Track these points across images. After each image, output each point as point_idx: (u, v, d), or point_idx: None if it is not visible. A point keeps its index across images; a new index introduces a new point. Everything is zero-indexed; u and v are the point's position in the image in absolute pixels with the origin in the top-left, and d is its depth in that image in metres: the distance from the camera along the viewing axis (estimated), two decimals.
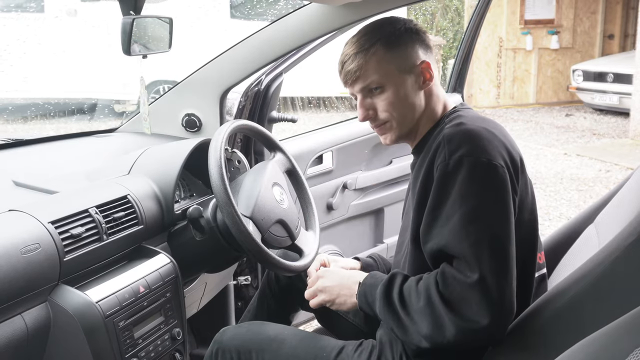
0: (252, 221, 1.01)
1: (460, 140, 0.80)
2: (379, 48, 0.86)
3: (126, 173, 1.08)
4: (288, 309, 1.17)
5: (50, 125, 4.87)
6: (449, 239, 0.77)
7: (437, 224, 0.79)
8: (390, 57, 0.86)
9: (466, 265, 0.75)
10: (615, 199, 0.99)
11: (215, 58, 1.31)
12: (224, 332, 0.98)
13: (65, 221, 0.87)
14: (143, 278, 0.93)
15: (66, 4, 4.75)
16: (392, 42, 0.86)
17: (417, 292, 0.79)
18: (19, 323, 0.79)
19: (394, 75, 0.86)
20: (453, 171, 0.78)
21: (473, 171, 0.77)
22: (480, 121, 0.85)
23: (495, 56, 6.61)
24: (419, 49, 0.88)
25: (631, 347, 0.46)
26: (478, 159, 0.78)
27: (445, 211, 0.78)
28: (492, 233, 0.77)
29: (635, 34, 5.25)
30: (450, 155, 0.79)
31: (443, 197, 0.79)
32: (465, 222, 0.76)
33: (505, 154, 0.81)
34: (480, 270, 0.74)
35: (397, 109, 0.87)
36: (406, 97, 0.87)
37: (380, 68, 0.86)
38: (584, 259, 0.85)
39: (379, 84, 0.86)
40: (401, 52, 0.87)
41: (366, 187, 1.67)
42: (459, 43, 1.84)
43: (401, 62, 0.87)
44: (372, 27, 0.89)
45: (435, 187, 0.80)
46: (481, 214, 0.77)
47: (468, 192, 0.77)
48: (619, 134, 5.15)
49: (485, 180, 0.78)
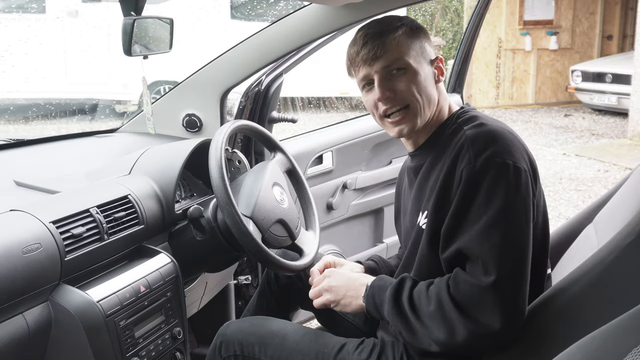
0: (252, 221, 1.01)
1: (485, 141, 0.79)
2: (406, 31, 0.86)
3: (127, 173, 1.08)
4: (287, 308, 1.17)
5: (52, 126, 4.88)
6: (470, 241, 0.76)
7: (462, 228, 0.78)
8: (415, 42, 0.87)
9: (482, 268, 0.74)
10: (614, 199, 1.00)
11: (216, 59, 1.31)
12: (228, 326, 0.99)
13: (66, 221, 0.88)
14: (144, 277, 0.93)
15: (67, 4, 4.76)
16: (415, 29, 0.87)
17: (427, 297, 0.79)
18: (20, 322, 0.80)
19: (415, 59, 0.86)
20: (480, 173, 0.77)
21: (500, 173, 0.76)
22: (499, 122, 0.85)
23: (494, 57, 6.62)
24: (429, 46, 0.90)
25: (630, 346, 0.46)
26: (504, 161, 0.77)
27: (471, 215, 0.77)
28: (514, 237, 0.76)
29: (634, 35, 5.26)
30: (476, 156, 0.78)
31: (469, 200, 0.77)
32: (489, 225, 0.75)
33: (527, 157, 0.80)
34: (497, 273, 0.73)
35: (419, 91, 0.85)
36: (425, 83, 0.86)
37: (407, 49, 0.85)
38: (582, 258, 0.86)
39: (403, 65, 0.85)
40: (422, 42, 0.88)
41: (366, 187, 1.68)
42: (459, 44, 1.85)
43: (422, 51, 0.87)
44: (390, 15, 0.90)
45: (462, 190, 0.78)
46: (505, 217, 0.76)
47: (494, 194, 0.76)
48: (617, 134, 5.17)
49: (511, 184, 0.77)
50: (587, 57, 6.69)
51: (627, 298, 0.77)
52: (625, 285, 0.79)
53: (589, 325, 0.68)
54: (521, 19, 6.53)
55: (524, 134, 5.29)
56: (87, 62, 4.75)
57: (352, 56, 0.87)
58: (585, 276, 0.80)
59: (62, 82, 4.76)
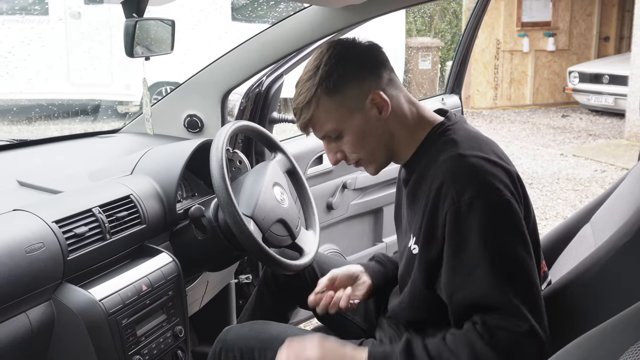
0: (253, 220, 1.01)
1: (464, 179, 0.75)
2: (321, 96, 0.80)
3: (129, 173, 1.09)
4: (286, 307, 1.18)
5: (54, 126, 4.89)
6: (486, 290, 0.73)
7: (461, 273, 0.75)
8: (336, 101, 0.81)
9: (511, 313, 0.72)
10: (611, 199, 1.00)
11: (217, 60, 1.32)
12: (228, 332, 0.99)
13: (69, 220, 0.88)
14: (146, 277, 0.94)
15: (70, 6, 4.77)
16: (332, 84, 0.80)
17: (450, 351, 0.74)
18: (23, 321, 0.80)
19: (346, 118, 0.81)
20: (466, 216, 0.74)
21: (488, 213, 0.73)
22: (475, 146, 0.80)
23: (492, 58, 6.64)
24: (366, 78, 0.81)
25: (627, 345, 0.46)
26: (489, 198, 0.74)
27: (468, 259, 0.74)
28: (524, 271, 0.74)
29: (631, 36, 5.29)
30: (459, 198, 0.74)
31: (461, 244, 0.74)
32: (497, 269, 0.73)
33: (508, 180, 0.77)
34: (531, 318, 0.71)
35: (364, 148, 0.83)
36: (370, 133, 0.82)
37: (330, 117, 0.81)
38: (580, 257, 0.87)
39: (337, 133, 0.83)
40: (345, 94, 0.81)
41: (365, 187, 1.69)
42: (457, 45, 1.86)
43: (349, 102, 0.81)
44: (310, 70, 0.82)
45: (450, 233, 0.75)
46: (509, 255, 0.73)
47: (488, 235, 0.73)
48: (614, 135, 5.19)
49: (501, 219, 0.74)
50: (585, 59, 6.72)
51: (624, 296, 0.78)
52: (623, 284, 0.80)
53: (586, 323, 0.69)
54: (519, 21, 6.55)
55: (522, 135, 5.31)
56: (90, 63, 4.78)
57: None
58: (582, 275, 0.81)
59: (64, 83, 4.77)
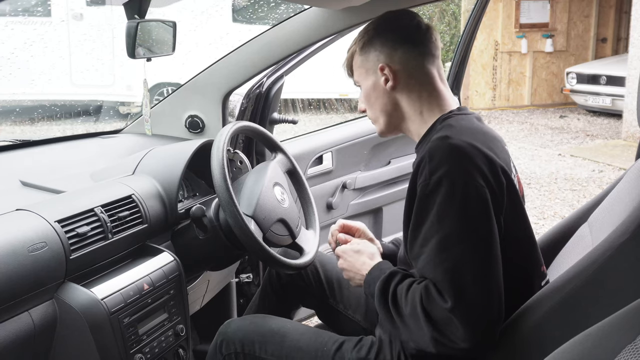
0: (253, 220, 1.02)
1: (440, 158, 0.77)
2: (355, 50, 0.94)
3: (131, 173, 1.09)
4: (289, 306, 1.18)
5: (57, 127, 4.89)
6: (425, 264, 0.77)
7: (417, 244, 0.79)
8: (361, 60, 0.93)
9: (443, 290, 0.75)
10: (608, 199, 1.01)
11: (218, 61, 1.33)
12: (229, 324, 1.00)
13: (71, 220, 0.89)
14: (147, 276, 0.94)
15: (72, 8, 4.78)
16: (362, 45, 0.92)
17: (405, 299, 0.80)
18: (26, 320, 0.81)
19: (363, 77, 0.93)
20: (432, 192, 0.76)
21: (451, 192, 0.75)
22: (467, 133, 0.82)
23: (491, 59, 6.66)
24: (384, 52, 0.90)
25: (623, 344, 0.46)
26: (457, 179, 0.76)
27: (424, 232, 0.77)
28: (469, 258, 0.75)
29: (628, 38, 5.31)
30: (431, 174, 0.77)
31: (423, 217, 0.78)
32: (440, 249, 0.75)
33: (488, 172, 0.78)
34: (454, 298, 0.73)
35: (371, 109, 0.94)
36: (376, 100, 0.92)
37: (355, 69, 0.94)
38: (577, 257, 0.87)
39: (357, 83, 0.95)
40: (369, 56, 0.92)
41: (365, 187, 1.70)
42: (456, 46, 1.87)
43: (369, 65, 0.92)
44: (363, 28, 0.96)
45: (417, 206, 0.79)
46: (457, 239, 0.75)
47: (445, 215, 0.75)
48: (611, 135, 5.21)
49: (463, 203, 0.75)
50: (582, 60, 6.75)
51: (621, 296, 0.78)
52: (620, 284, 0.80)
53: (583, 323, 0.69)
54: (517, 22, 6.57)
55: (520, 135, 5.33)
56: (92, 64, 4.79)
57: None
58: (579, 275, 0.81)
59: (67, 84, 4.78)
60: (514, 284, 0.80)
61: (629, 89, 4.95)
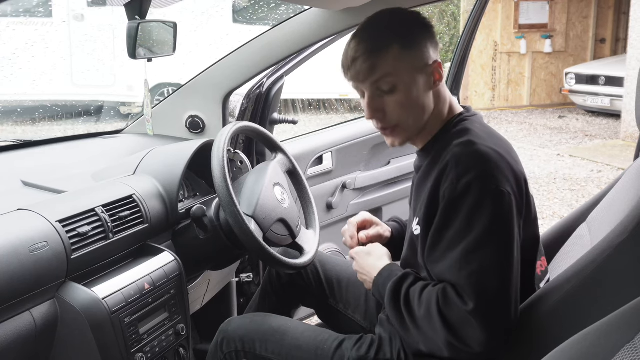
0: (254, 220, 1.02)
1: (468, 163, 0.77)
2: (395, 47, 0.81)
3: (132, 173, 1.09)
4: (289, 305, 1.19)
5: (58, 127, 4.91)
6: (447, 267, 0.76)
7: (440, 248, 0.78)
8: (406, 56, 0.81)
9: (464, 293, 0.74)
10: (607, 199, 1.01)
11: (218, 61, 1.33)
12: (229, 323, 1.00)
13: (72, 220, 0.89)
14: (148, 275, 0.95)
15: (73, 9, 4.79)
16: (409, 41, 0.82)
17: (419, 301, 0.79)
18: (27, 319, 0.81)
19: (407, 75, 0.82)
20: (460, 196, 0.75)
21: (480, 198, 0.75)
22: (488, 139, 0.81)
23: (490, 60, 6.68)
24: (430, 47, 0.84)
25: (622, 343, 0.46)
26: (486, 185, 0.75)
27: (450, 236, 0.76)
28: (494, 262, 0.75)
29: (626, 38, 5.32)
30: (458, 179, 0.76)
31: (449, 221, 0.77)
32: (468, 252, 0.75)
33: (512, 178, 0.78)
34: (476, 300, 0.73)
35: (408, 111, 0.83)
36: (417, 98, 0.83)
37: (396, 68, 0.81)
38: (576, 256, 0.87)
39: (392, 84, 0.82)
40: (416, 52, 0.82)
41: (365, 187, 1.70)
42: (455, 47, 1.88)
43: (416, 61, 0.82)
44: (386, 22, 0.83)
45: (442, 210, 0.77)
46: (485, 243, 0.75)
47: (474, 220, 0.75)
48: (610, 135, 5.21)
49: (492, 208, 0.75)
50: (581, 60, 6.77)
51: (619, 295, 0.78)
52: (618, 283, 0.80)
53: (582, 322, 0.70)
54: (516, 23, 6.59)
55: (519, 135, 5.33)
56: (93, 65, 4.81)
57: (344, 66, 0.84)
58: (578, 274, 0.82)
59: (68, 84, 4.79)
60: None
61: (627, 90, 4.96)
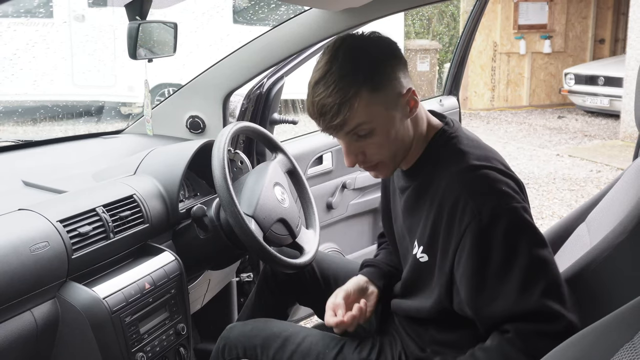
0: (254, 220, 1.03)
1: (482, 191, 0.75)
2: (364, 92, 0.76)
3: (132, 173, 1.10)
4: (285, 304, 1.19)
5: (59, 127, 4.91)
6: (519, 299, 0.71)
7: (489, 287, 0.73)
8: (377, 98, 0.77)
9: (548, 316, 0.71)
10: (606, 199, 1.01)
11: (219, 62, 1.33)
12: (231, 329, 1.00)
13: (73, 220, 0.89)
14: (149, 275, 0.95)
15: (74, 9, 4.79)
16: (377, 81, 0.77)
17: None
18: (28, 318, 0.81)
19: (382, 116, 0.78)
20: (491, 227, 0.73)
21: (511, 220, 0.73)
22: (482, 155, 0.80)
23: (489, 60, 6.68)
24: (400, 76, 0.79)
25: (621, 342, 0.47)
26: (510, 206, 0.73)
27: (495, 270, 0.73)
28: (549, 270, 0.73)
29: (625, 39, 5.33)
30: (480, 210, 0.73)
31: (487, 257, 0.73)
32: (526, 274, 0.72)
33: (517, 188, 0.77)
34: (565, 313, 0.71)
35: (388, 148, 0.80)
36: (396, 134, 0.79)
37: (369, 114, 0.77)
38: (575, 256, 0.88)
39: (368, 130, 0.78)
40: (387, 89, 0.78)
41: (365, 187, 1.70)
42: (455, 47, 1.88)
43: (389, 99, 0.78)
44: (349, 65, 0.76)
45: (474, 248, 0.73)
46: (535, 258, 0.73)
47: (514, 242, 0.72)
48: (609, 136, 5.22)
49: (523, 225, 0.74)
50: (580, 61, 6.78)
51: (618, 295, 0.79)
52: (617, 283, 0.81)
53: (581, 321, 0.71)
54: (516, 24, 6.60)
55: (519, 135, 5.34)
56: (94, 65, 4.81)
57: (311, 115, 0.78)
58: (577, 274, 0.82)
59: (69, 85, 4.80)
60: None
61: (626, 90, 4.97)
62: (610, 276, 0.82)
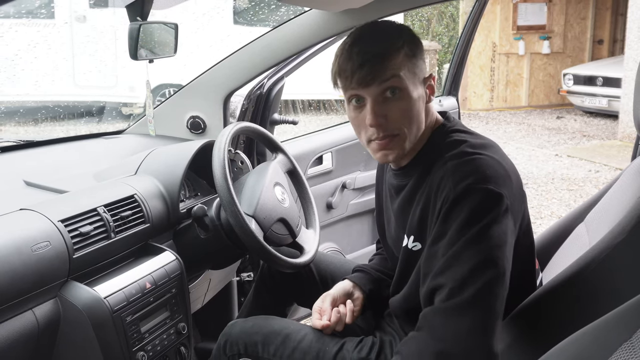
0: (254, 220, 1.03)
1: (465, 170, 0.75)
2: (407, 51, 0.78)
3: (133, 173, 1.10)
4: (283, 303, 1.19)
5: (60, 127, 4.92)
6: (445, 269, 0.73)
7: (439, 254, 0.74)
8: (412, 63, 0.79)
9: (449, 291, 0.71)
10: (605, 199, 1.02)
11: (219, 62, 1.34)
12: (232, 326, 1.01)
13: (74, 220, 0.89)
14: (149, 274, 0.95)
15: (76, 10, 4.80)
16: (413, 49, 0.80)
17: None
18: (30, 318, 0.82)
19: (411, 82, 0.79)
20: (459, 201, 0.73)
21: (479, 200, 0.73)
22: (481, 147, 0.80)
23: (489, 61, 6.70)
24: (425, 62, 0.83)
25: (619, 342, 0.47)
26: (485, 187, 0.73)
27: (445, 243, 0.74)
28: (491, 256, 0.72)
29: (624, 39, 5.34)
30: (456, 186, 0.74)
31: (446, 227, 0.74)
32: (464, 248, 0.72)
33: (508, 181, 0.77)
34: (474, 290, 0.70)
35: (409, 119, 0.80)
36: (418, 109, 0.81)
37: (403, 71, 0.78)
38: (574, 256, 0.88)
39: (398, 88, 0.78)
40: (419, 61, 0.81)
41: (364, 187, 1.71)
42: (454, 48, 1.88)
43: (417, 70, 0.81)
44: (394, 27, 0.81)
45: (441, 218, 0.75)
46: (481, 239, 0.72)
47: (472, 220, 0.72)
48: (608, 136, 5.23)
49: (490, 209, 0.73)
50: (579, 61, 6.79)
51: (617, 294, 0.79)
52: (616, 282, 0.81)
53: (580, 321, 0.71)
54: (515, 24, 6.61)
55: (518, 136, 5.35)
56: (95, 66, 4.82)
57: (344, 73, 0.78)
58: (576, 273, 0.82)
59: (70, 85, 4.81)
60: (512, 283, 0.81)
61: (625, 90, 4.98)
62: (609, 276, 0.82)
